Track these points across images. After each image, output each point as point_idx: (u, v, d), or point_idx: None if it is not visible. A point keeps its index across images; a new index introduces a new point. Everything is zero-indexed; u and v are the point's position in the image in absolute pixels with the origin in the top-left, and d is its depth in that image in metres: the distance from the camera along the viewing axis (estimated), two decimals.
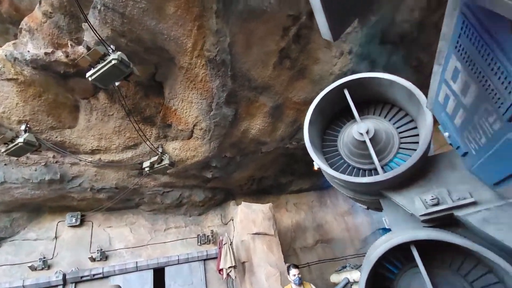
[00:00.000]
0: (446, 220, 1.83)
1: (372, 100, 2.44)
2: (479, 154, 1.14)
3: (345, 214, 8.66)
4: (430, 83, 1.31)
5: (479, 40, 0.81)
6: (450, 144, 1.41)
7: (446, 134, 1.39)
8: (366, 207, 3.64)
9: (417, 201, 1.84)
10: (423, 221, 1.91)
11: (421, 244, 1.75)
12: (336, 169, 2.35)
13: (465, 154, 1.26)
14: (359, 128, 2.17)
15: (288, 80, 4.77)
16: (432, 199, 1.76)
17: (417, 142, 2.04)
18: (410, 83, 1.96)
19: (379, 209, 2.60)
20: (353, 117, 2.31)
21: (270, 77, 4.61)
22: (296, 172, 7.95)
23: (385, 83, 2.17)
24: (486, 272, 1.62)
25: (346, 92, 2.31)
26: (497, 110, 0.84)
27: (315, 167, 2.64)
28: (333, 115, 2.58)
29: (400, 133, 2.23)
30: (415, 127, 2.15)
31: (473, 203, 1.60)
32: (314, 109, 2.37)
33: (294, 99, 5.15)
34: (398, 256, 1.94)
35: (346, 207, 8.72)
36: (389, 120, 2.33)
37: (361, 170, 2.37)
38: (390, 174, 1.84)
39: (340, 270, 6.58)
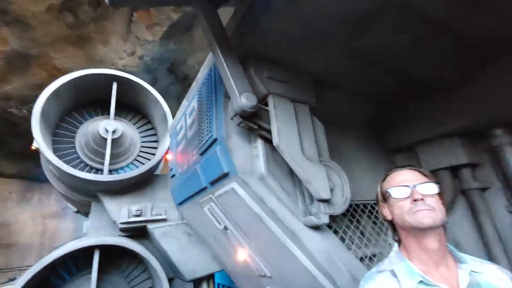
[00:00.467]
0: (141, 231, 2.05)
1: (134, 107, 2.48)
2: (179, 178, 1.45)
3: (50, 217, 7.24)
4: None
5: (210, 93, 1.11)
6: (170, 166, 1.69)
7: (170, 156, 1.66)
8: (76, 210, 3.29)
9: (124, 210, 1.94)
10: (121, 230, 2.01)
11: (109, 251, 1.80)
12: (60, 157, 2.01)
13: (173, 176, 1.55)
14: (108, 125, 2.09)
15: (61, 38, 3.80)
16: (137, 210, 1.93)
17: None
18: (169, 110, 2.23)
19: (89, 214, 2.45)
20: (108, 112, 2.20)
21: (36, 16, 3.45)
22: (5, 148, 5.85)
23: (152, 99, 2.32)
24: (149, 277, 1.92)
25: (114, 85, 2.20)
26: (198, 146, 1.14)
27: (33, 146, 2.12)
28: (87, 101, 2.31)
29: (142, 146, 2.37)
30: (156, 147, 2.39)
31: (164, 220, 1.94)
32: (68, 82, 2.01)
33: (56, 62, 4.10)
34: (80, 262, 1.84)
35: (56, 208, 7.36)
36: (140, 132, 2.44)
37: (88, 167, 2.19)
38: (111, 178, 1.85)
39: (4, 283, 5.08)
